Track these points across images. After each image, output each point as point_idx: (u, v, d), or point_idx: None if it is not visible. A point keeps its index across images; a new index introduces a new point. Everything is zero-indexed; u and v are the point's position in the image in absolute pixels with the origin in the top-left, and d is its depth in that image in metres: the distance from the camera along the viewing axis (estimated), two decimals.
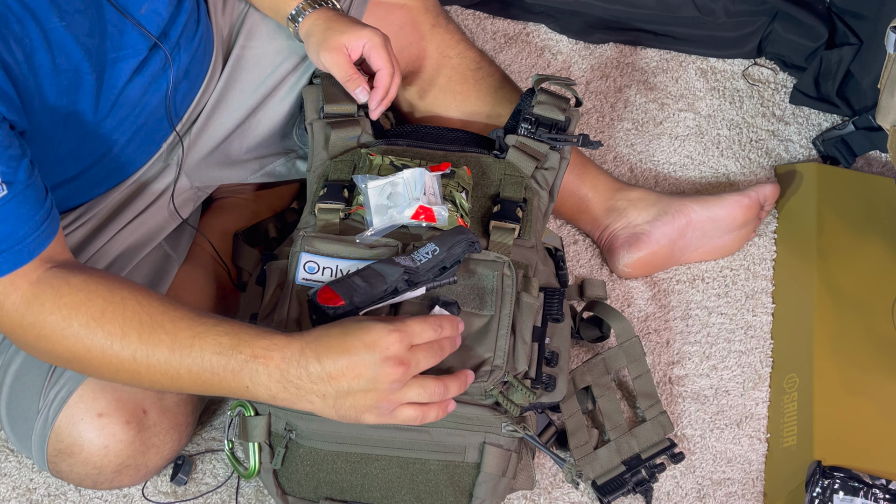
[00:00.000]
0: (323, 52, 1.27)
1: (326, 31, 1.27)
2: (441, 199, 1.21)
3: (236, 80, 1.37)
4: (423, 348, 1.05)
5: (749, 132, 1.69)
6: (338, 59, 1.26)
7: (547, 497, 1.35)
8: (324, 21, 1.28)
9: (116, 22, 1.16)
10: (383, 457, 1.18)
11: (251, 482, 1.32)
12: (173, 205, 1.33)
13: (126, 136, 1.24)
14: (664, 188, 1.63)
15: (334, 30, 1.27)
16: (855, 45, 1.64)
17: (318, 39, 1.28)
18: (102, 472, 1.21)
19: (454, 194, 1.24)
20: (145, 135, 1.27)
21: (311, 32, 1.29)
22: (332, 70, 1.27)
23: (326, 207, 1.25)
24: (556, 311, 1.24)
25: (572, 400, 1.35)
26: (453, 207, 1.23)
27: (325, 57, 1.27)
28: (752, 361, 1.47)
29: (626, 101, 1.72)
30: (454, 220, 1.23)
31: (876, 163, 1.68)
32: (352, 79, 1.27)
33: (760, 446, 1.41)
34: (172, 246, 1.36)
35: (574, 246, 1.56)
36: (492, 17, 1.80)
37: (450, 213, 1.23)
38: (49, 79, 1.09)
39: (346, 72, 1.27)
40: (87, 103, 1.16)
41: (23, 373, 1.21)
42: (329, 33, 1.27)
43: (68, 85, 1.12)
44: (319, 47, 1.27)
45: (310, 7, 1.30)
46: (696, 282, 1.54)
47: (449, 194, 1.24)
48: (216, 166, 1.38)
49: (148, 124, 1.26)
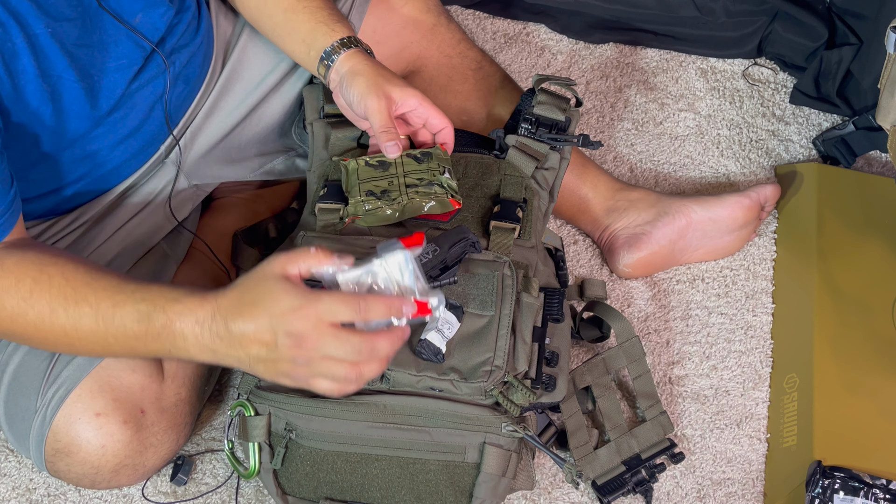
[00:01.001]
0: (371, 96, 1.20)
1: (378, 76, 1.22)
2: (424, 278, 1.07)
3: (237, 78, 1.37)
4: (337, 334, 0.98)
5: (749, 132, 1.69)
6: (382, 108, 1.21)
7: (547, 497, 1.35)
8: (372, 65, 1.23)
9: (112, 31, 1.16)
10: (383, 457, 1.18)
11: (251, 482, 1.32)
12: (170, 207, 1.32)
13: (123, 141, 1.24)
14: (664, 188, 1.63)
15: (385, 77, 1.22)
16: (855, 45, 1.64)
17: (368, 81, 1.21)
18: (100, 472, 1.21)
19: (438, 177, 1.23)
20: (143, 139, 1.27)
21: (359, 72, 1.22)
22: (373, 116, 1.21)
23: (326, 207, 1.25)
24: (556, 311, 1.24)
25: (572, 400, 1.35)
26: (441, 190, 1.22)
27: (371, 102, 1.20)
28: (752, 361, 1.47)
29: (626, 101, 1.72)
30: (446, 202, 1.22)
31: (876, 163, 1.68)
32: (390, 131, 1.21)
33: (760, 446, 1.41)
34: (171, 246, 1.36)
35: (574, 246, 1.56)
36: (492, 17, 1.80)
37: (439, 197, 1.21)
38: (32, 84, 1.09)
39: (386, 122, 1.21)
40: (75, 110, 1.16)
41: (20, 372, 1.21)
42: (381, 80, 1.22)
43: (52, 92, 1.12)
44: (369, 90, 1.21)
45: (344, 48, 1.24)
46: (696, 282, 1.54)
47: (434, 178, 1.23)
48: (215, 164, 1.38)
49: (145, 128, 1.26)
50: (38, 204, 1.23)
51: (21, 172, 1.15)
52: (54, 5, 1.09)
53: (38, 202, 1.23)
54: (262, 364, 1.02)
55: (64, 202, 1.25)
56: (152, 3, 1.19)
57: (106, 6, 1.14)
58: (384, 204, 1.21)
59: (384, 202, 1.21)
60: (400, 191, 1.22)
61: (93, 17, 1.14)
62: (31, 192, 1.21)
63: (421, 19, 1.45)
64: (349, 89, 1.22)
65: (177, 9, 1.24)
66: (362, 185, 1.23)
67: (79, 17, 1.12)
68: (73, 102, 1.15)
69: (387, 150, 1.21)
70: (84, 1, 1.12)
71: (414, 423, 1.16)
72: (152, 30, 1.21)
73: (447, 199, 1.22)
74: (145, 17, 1.19)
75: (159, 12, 1.21)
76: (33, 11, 1.07)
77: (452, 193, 1.23)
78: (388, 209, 1.21)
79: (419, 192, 1.21)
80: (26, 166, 1.16)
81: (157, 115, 1.26)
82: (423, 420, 1.16)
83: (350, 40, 1.25)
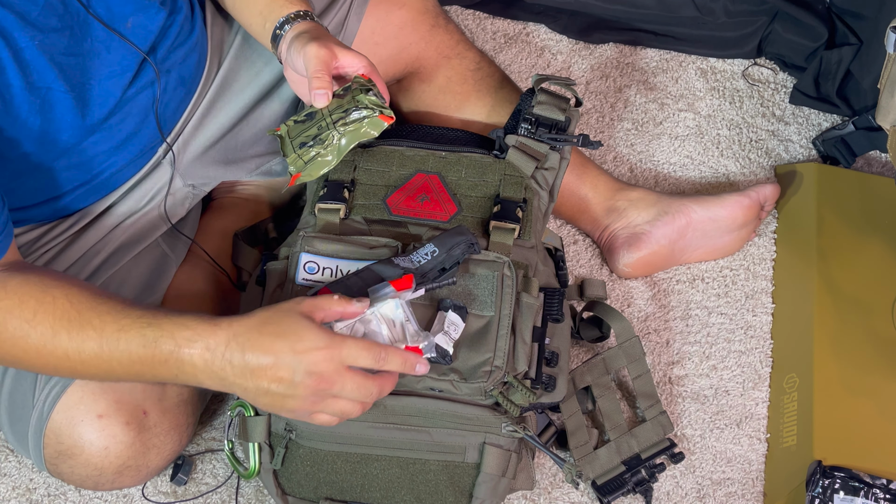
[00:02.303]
0: (313, 44, 1.16)
1: (325, 34, 1.20)
2: (416, 322, 1.10)
3: (233, 78, 1.37)
4: (355, 379, 1.02)
5: (749, 132, 1.69)
6: (320, 55, 1.16)
7: (547, 497, 1.35)
8: (321, 29, 1.21)
9: (103, 38, 1.16)
10: (383, 457, 1.18)
11: (251, 482, 1.32)
12: (165, 209, 1.32)
13: (119, 147, 1.24)
14: (664, 188, 1.63)
15: (333, 38, 1.20)
16: (855, 45, 1.64)
17: (313, 36, 1.18)
18: (103, 474, 1.21)
19: (362, 99, 1.18)
20: (140, 144, 1.27)
21: (305, 31, 1.20)
22: (310, 61, 1.16)
23: (326, 207, 1.25)
24: (556, 311, 1.24)
25: (572, 400, 1.35)
26: (368, 111, 1.17)
27: (311, 48, 1.16)
28: (752, 361, 1.47)
29: (626, 101, 1.72)
30: (377, 120, 1.17)
31: (876, 163, 1.68)
32: (322, 77, 1.16)
33: (760, 446, 1.41)
34: (171, 246, 1.36)
35: (574, 246, 1.56)
36: (492, 17, 1.80)
37: (370, 119, 1.17)
38: (20, 97, 1.09)
39: (320, 68, 1.16)
40: (67, 121, 1.15)
41: (20, 373, 1.21)
42: (327, 37, 1.20)
43: (42, 104, 1.12)
44: (312, 40, 1.17)
45: (298, 19, 1.22)
46: (696, 282, 1.54)
47: (358, 103, 1.17)
48: (212, 165, 1.38)
49: (142, 133, 1.26)
50: (37, 211, 1.24)
51: (16, 182, 1.16)
52: (40, 16, 1.08)
53: (37, 210, 1.23)
54: (268, 397, 1.03)
55: (63, 209, 1.25)
56: (143, 6, 1.19)
57: (95, 13, 1.14)
58: (319, 149, 1.18)
59: (317, 147, 1.18)
60: (329, 130, 1.18)
61: (82, 26, 1.13)
62: (28, 200, 1.21)
63: (419, 20, 1.45)
64: (292, 50, 1.18)
65: (169, 10, 1.23)
66: (294, 141, 1.20)
67: (67, 27, 1.11)
68: (64, 113, 1.15)
69: (315, 97, 1.16)
70: (72, 9, 1.11)
71: (414, 423, 1.16)
72: (145, 33, 1.20)
73: (377, 118, 1.17)
74: (137, 21, 1.18)
75: (150, 14, 1.20)
76: (18, 24, 1.06)
77: (381, 109, 1.17)
78: (326, 153, 1.18)
79: (347, 123, 1.17)
80: (20, 176, 1.16)
81: (153, 118, 1.26)
82: (423, 420, 1.16)
83: (305, 13, 1.22)
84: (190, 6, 1.29)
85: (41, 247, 1.25)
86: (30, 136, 1.13)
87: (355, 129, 1.18)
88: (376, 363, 1.03)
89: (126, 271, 1.30)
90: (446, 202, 1.26)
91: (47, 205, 1.23)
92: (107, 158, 1.23)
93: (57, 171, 1.20)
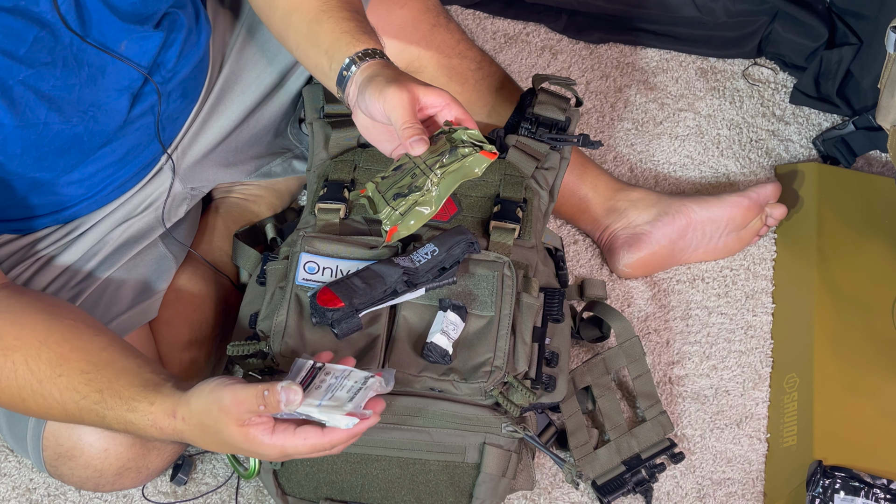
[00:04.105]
0: (392, 88, 1.06)
1: (400, 74, 1.09)
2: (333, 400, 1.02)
3: (235, 82, 1.37)
4: (306, 445, 1.01)
5: (749, 132, 1.69)
6: (404, 102, 1.06)
7: (547, 497, 1.35)
8: (393, 68, 1.11)
9: (99, 64, 1.15)
10: (383, 457, 1.18)
11: (251, 482, 1.32)
12: (163, 215, 1.32)
13: (120, 163, 1.25)
14: (664, 188, 1.63)
15: (408, 76, 1.10)
16: (855, 45, 1.64)
17: (388, 78, 1.07)
18: (104, 475, 1.21)
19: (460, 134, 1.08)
20: (144, 158, 1.28)
21: (376, 74, 1.09)
22: (395, 111, 1.05)
23: (326, 207, 1.25)
24: (556, 311, 1.24)
25: (572, 400, 1.35)
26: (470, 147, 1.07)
27: (392, 94, 1.05)
28: (752, 361, 1.47)
29: (626, 101, 1.72)
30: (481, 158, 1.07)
31: (876, 163, 1.68)
32: (414, 126, 1.05)
33: (760, 446, 1.41)
34: (170, 247, 1.36)
35: (574, 246, 1.56)
36: (492, 17, 1.80)
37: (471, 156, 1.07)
38: (14, 134, 1.09)
39: (410, 117, 1.06)
40: (66, 149, 1.16)
41: None
42: (403, 76, 1.09)
43: (38, 138, 1.12)
44: (389, 84, 1.06)
45: (367, 58, 1.11)
46: (696, 282, 1.54)
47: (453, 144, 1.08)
48: (211, 168, 1.38)
49: (142, 147, 1.26)
50: (40, 222, 1.25)
51: (19, 199, 1.18)
52: (29, 53, 1.07)
53: (40, 221, 1.25)
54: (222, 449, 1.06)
55: (64, 220, 1.27)
56: (135, 30, 1.17)
57: (92, 40, 1.12)
58: (416, 197, 1.07)
59: (414, 195, 1.08)
60: (426, 175, 1.07)
61: (76, 55, 1.12)
62: (31, 213, 1.22)
63: (420, 20, 1.45)
64: (366, 95, 1.08)
65: (167, 30, 1.22)
66: (386, 195, 1.11)
67: (59, 59, 1.10)
68: (64, 143, 1.15)
69: (411, 146, 1.05)
70: (63, 40, 1.10)
71: (414, 423, 1.16)
72: (140, 54, 1.19)
73: (479, 154, 1.07)
74: (131, 45, 1.17)
75: (144, 37, 1.18)
76: (5, 63, 1.06)
77: (483, 145, 1.07)
78: (424, 200, 1.08)
79: (445, 165, 1.07)
80: (24, 195, 1.18)
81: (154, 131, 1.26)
82: (423, 420, 1.16)
83: (374, 52, 1.12)
84: (195, 17, 1.28)
85: (39, 250, 1.25)
86: (30, 167, 1.14)
87: (457, 168, 1.07)
88: (316, 452, 1.02)
89: (126, 272, 1.30)
90: (446, 202, 1.26)
91: (50, 217, 1.25)
92: (111, 171, 1.25)
93: (61, 186, 1.21)
